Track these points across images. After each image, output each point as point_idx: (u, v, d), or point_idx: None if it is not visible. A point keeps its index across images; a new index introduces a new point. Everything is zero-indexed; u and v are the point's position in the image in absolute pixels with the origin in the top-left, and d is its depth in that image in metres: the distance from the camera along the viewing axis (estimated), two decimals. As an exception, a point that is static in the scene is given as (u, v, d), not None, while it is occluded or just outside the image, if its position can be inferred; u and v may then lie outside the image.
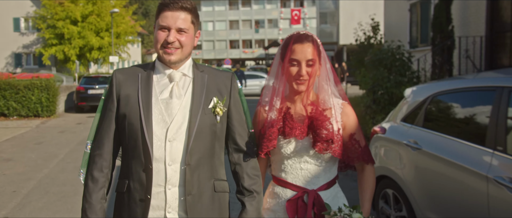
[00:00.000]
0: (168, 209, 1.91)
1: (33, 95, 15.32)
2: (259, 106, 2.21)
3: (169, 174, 1.89)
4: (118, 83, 1.98)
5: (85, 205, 1.91)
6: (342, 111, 2.14)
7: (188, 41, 1.94)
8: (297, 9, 63.57)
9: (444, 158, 3.43)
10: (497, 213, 2.91)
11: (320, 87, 2.14)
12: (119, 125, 1.95)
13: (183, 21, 1.91)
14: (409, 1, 13.02)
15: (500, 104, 3.08)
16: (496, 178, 2.90)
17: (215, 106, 1.97)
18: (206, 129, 1.94)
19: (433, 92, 3.88)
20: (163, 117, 1.92)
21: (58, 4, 31.89)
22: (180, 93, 1.95)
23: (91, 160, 1.97)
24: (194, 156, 1.91)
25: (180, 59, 1.94)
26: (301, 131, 2.05)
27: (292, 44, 2.06)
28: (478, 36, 9.88)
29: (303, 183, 2.11)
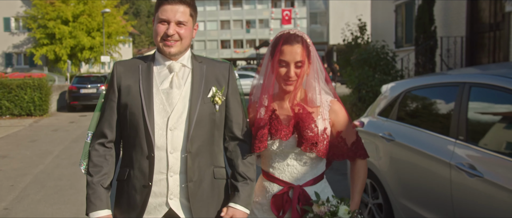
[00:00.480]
0: (169, 196, 1.97)
1: (25, 95, 15.49)
2: (249, 104, 2.26)
3: (171, 161, 1.96)
4: (118, 74, 2.03)
5: (89, 192, 1.97)
6: (330, 108, 2.16)
7: (187, 34, 2.00)
8: (288, 9, 63.92)
9: (414, 148, 3.76)
10: (458, 196, 3.24)
11: (309, 84, 2.17)
12: (121, 114, 2.01)
13: (182, 14, 1.97)
14: (394, 2, 13.41)
15: (462, 98, 3.41)
16: (457, 165, 3.22)
17: (214, 95, 2.03)
18: (206, 117, 2.00)
19: (405, 88, 4.21)
20: (164, 106, 1.98)
21: (49, 4, 31.91)
22: (180, 83, 2.01)
23: (93, 149, 2.02)
24: (195, 144, 1.97)
25: (179, 51, 2.01)
26: (286, 133, 2.09)
27: (281, 45, 2.08)
28: (459, 36, 10.28)
29: (289, 179, 2.16)
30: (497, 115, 3.25)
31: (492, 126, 3.26)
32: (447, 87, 3.71)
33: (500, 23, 9.25)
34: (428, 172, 3.58)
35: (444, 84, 3.78)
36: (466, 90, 3.40)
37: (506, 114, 3.17)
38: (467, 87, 3.40)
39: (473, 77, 3.49)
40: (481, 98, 3.34)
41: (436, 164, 3.48)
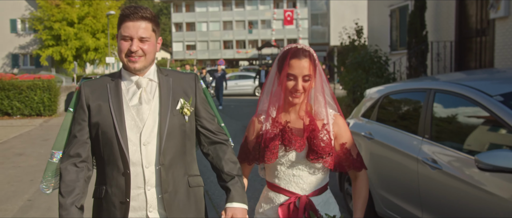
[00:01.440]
0: (149, 209, 2.01)
1: (35, 95, 16.11)
2: (255, 116, 2.29)
3: (147, 175, 1.99)
4: (86, 95, 2.05)
5: (63, 213, 1.95)
6: (334, 121, 2.22)
7: (150, 49, 2.03)
8: (290, 10, 64.50)
9: (389, 145, 4.33)
10: (424, 186, 3.81)
11: (315, 98, 2.22)
12: (92, 133, 2.03)
13: (144, 30, 2.00)
14: (389, 7, 13.96)
15: (428, 102, 3.98)
16: (423, 159, 3.79)
17: (182, 107, 2.07)
18: (176, 129, 2.05)
19: (384, 93, 4.79)
20: (136, 122, 2.01)
21: (54, 6, 32.54)
22: (148, 98, 2.05)
23: (64, 169, 2.00)
24: (167, 156, 2.01)
25: (144, 66, 2.04)
26: (300, 144, 2.12)
27: (289, 58, 2.12)
28: (449, 41, 10.82)
29: (295, 189, 2.20)
30: (454, 117, 3.82)
31: (450, 126, 3.84)
32: (417, 92, 4.29)
33: (486, 29, 9.79)
34: (400, 166, 4.16)
35: (415, 89, 4.36)
36: (431, 95, 3.98)
37: (460, 116, 3.74)
38: (433, 92, 3.98)
39: (437, 84, 4.07)
40: (443, 102, 3.91)
41: (406, 159, 4.05)
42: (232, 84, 24.37)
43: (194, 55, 66.17)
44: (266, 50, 50.77)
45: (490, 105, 3.31)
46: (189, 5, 67.18)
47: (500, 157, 2.87)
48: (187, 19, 67.02)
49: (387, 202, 4.39)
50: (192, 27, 67.44)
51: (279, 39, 63.30)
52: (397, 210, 4.24)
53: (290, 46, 2.17)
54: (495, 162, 2.86)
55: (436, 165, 3.60)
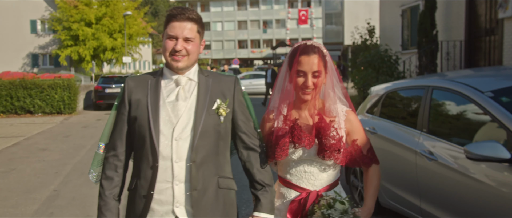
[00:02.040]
0: (175, 204, 2.04)
1: (56, 94, 16.67)
2: (267, 113, 2.32)
3: (176, 170, 2.03)
4: (129, 89, 2.13)
5: (101, 203, 2.06)
6: (346, 118, 2.23)
7: (194, 49, 2.09)
8: (304, 10, 64.65)
9: (391, 139, 4.62)
10: (421, 176, 4.08)
11: (326, 94, 2.22)
12: (130, 127, 2.11)
13: (190, 31, 2.06)
14: (401, 7, 14.15)
15: (426, 98, 4.26)
16: (421, 152, 4.07)
17: (218, 107, 2.10)
18: (210, 128, 2.07)
19: (387, 90, 5.07)
20: (170, 118, 2.06)
21: (73, 7, 33.25)
22: (185, 96, 2.10)
23: (106, 161, 2.12)
24: (199, 154, 2.04)
25: (186, 65, 2.09)
26: (309, 141, 2.14)
27: (298, 55, 2.14)
28: (458, 41, 11.00)
29: (306, 185, 2.22)
30: (449, 112, 4.10)
31: (445, 120, 4.11)
32: (417, 89, 4.56)
33: (495, 29, 9.96)
34: (401, 159, 4.44)
35: (414, 87, 4.63)
36: (429, 92, 4.26)
37: (455, 111, 4.02)
38: (430, 89, 4.26)
39: (435, 81, 4.34)
40: (440, 98, 4.18)
41: (406, 152, 4.33)
42: (246, 83, 24.85)
43: (209, 55, 66.72)
44: (281, 49, 51.01)
45: (481, 101, 3.58)
46: (204, 5, 67.75)
47: (487, 147, 3.15)
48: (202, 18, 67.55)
49: (390, 193, 4.67)
50: (207, 26, 67.98)
51: (294, 38, 63.48)
52: (399, 201, 4.51)
53: (300, 43, 2.20)
54: (482, 152, 3.14)
55: (432, 156, 3.88)
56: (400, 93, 4.88)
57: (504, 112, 3.36)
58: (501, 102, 3.47)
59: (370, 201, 2.26)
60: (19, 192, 6.35)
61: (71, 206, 5.71)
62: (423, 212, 4.06)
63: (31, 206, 5.69)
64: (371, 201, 2.26)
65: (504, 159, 3.07)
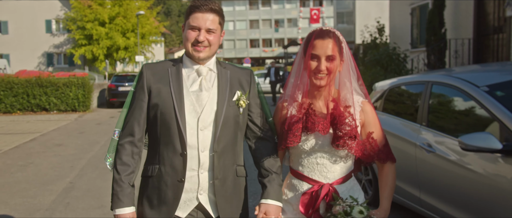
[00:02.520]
0: (200, 191, 2.09)
1: (71, 92, 17.05)
2: (281, 101, 2.29)
3: (202, 159, 2.07)
4: (148, 77, 2.12)
5: (117, 189, 2.05)
6: (362, 109, 2.17)
7: (215, 40, 2.12)
8: (316, 8, 64.58)
9: (393, 132, 4.77)
10: (421, 168, 4.24)
11: (342, 83, 2.17)
12: (150, 115, 2.11)
13: (212, 22, 2.08)
14: (410, 5, 14.23)
15: (426, 93, 4.42)
16: (420, 144, 4.23)
17: (238, 99, 2.15)
18: (231, 119, 2.12)
19: (390, 86, 5.23)
20: (195, 107, 2.09)
21: (87, 7, 33.77)
22: (208, 86, 2.13)
23: (121, 147, 2.10)
24: (221, 144, 2.09)
25: (208, 56, 2.12)
26: (324, 126, 2.10)
27: (313, 39, 2.11)
28: (467, 39, 11.07)
29: (319, 177, 2.18)
30: (447, 105, 4.25)
31: (443, 113, 4.26)
32: (417, 85, 4.72)
33: (503, 27, 10.02)
34: (402, 152, 4.59)
35: (415, 82, 4.79)
36: (429, 87, 4.41)
37: (453, 104, 4.17)
38: (430, 84, 4.41)
39: (434, 77, 4.49)
40: (439, 92, 4.34)
41: (407, 145, 4.49)
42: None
43: (221, 54, 67.06)
44: (292, 48, 51.10)
45: (477, 95, 3.73)
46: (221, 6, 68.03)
47: (479, 138, 3.30)
48: (214, 18, 67.93)
49: (391, 185, 4.83)
50: (219, 26, 68.26)
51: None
52: (401, 193, 4.67)
53: (315, 29, 2.16)
54: (475, 143, 3.30)
55: (431, 149, 4.04)
56: (402, 89, 5.04)
57: (497, 105, 3.51)
58: (495, 96, 3.62)
59: (386, 202, 2.20)
60: (37, 184, 6.64)
61: (86, 197, 5.97)
62: (423, 203, 4.22)
63: (48, 197, 5.95)
64: (387, 203, 2.20)
65: (496, 149, 3.23)
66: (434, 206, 4.04)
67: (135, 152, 2.10)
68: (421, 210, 4.29)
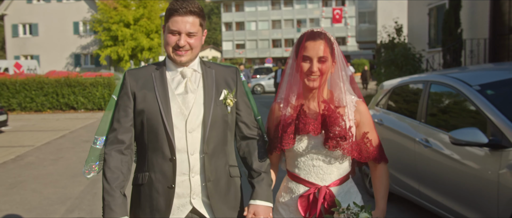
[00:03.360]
0: (192, 196, 2.05)
1: (97, 91, 17.75)
2: (275, 103, 2.27)
3: (192, 163, 2.03)
4: (131, 83, 2.07)
5: (108, 199, 1.97)
6: (356, 109, 2.16)
7: (197, 43, 2.06)
8: (338, 8, 64.28)
9: (395, 129, 5.08)
10: (419, 162, 4.54)
11: (334, 84, 2.17)
12: (136, 121, 2.06)
13: (192, 25, 2.02)
14: (428, 6, 14.35)
15: (425, 91, 4.71)
16: (419, 140, 4.53)
17: (225, 98, 2.11)
18: (219, 119, 2.08)
19: (394, 85, 5.53)
20: (182, 110, 2.04)
21: (112, 9, 34.71)
22: (193, 88, 2.08)
23: (109, 155, 2.02)
24: (211, 145, 2.05)
25: (190, 59, 2.08)
26: (314, 127, 2.09)
27: (305, 41, 2.10)
28: (482, 39, 11.18)
29: (315, 179, 2.16)
30: (444, 103, 4.54)
31: (440, 110, 4.56)
32: (418, 84, 5.01)
33: (518, 27, 10.13)
34: (402, 147, 4.90)
35: (416, 81, 5.09)
36: (428, 86, 4.71)
37: (448, 102, 4.46)
38: (429, 84, 4.71)
39: (433, 77, 4.78)
40: (437, 91, 4.63)
41: (407, 140, 4.79)
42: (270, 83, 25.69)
43: (244, 54, 67.57)
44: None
45: (468, 93, 4.02)
46: (239, 4, 68.63)
47: (467, 133, 3.60)
48: (236, 18, 68.56)
49: (395, 179, 5.13)
50: (242, 26, 68.86)
51: (328, 37, 63.46)
52: (402, 185, 4.98)
53: (306, 31, 2.16)
54: (463, 137, 3.59)
55: (428, 144, 4.34)
56: (404, 88, 5.34)
57: (486, 103, 3.79)
58: (486, 95, 3.90)
59: (382, 202, 2.20)
60: (67, 176, 7.17)
61: (112, 188, 6.44)
62: (422, 195, 4.52)
63: (77, 187, 6.46)
64: (383, 203, 2.20)
65: (483, 143, 3.52)
66: (431, 197, 4.34)
67: (124, 160, 2.03)
68: (420, 202, 4.59)
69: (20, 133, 12.26)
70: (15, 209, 5.52)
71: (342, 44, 63.85)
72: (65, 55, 39.05)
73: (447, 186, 4.10)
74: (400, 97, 5.41)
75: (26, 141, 10.83)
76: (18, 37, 38.79)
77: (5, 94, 17.25)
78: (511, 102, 3.81)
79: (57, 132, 12.30)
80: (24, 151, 9.43)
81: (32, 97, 17.40)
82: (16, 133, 12.27)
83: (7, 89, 17.29)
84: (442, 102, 4.57)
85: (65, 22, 38.35)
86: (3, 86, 17.26)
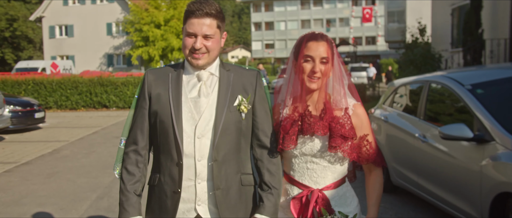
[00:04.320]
0: (197, 202, 2.01)
1: (128, 90, 18.54)
2: (274, 106, 2.25)
3: (198, 169, 1.99)
4: (149, 83, 2.07)
5: (122, 199, 2.01)
6: (354, 112, 2.14)
7: (214, 46, 2.01)
8: (368, 7, 63.81)
9: (397, 125, 5.42)
10: (417, 156, 4.86)
11: (333, 88, 2.15)
12: (151, 122, 2.05)
13: (209, 28, 1.98)
14: (451, 6, 14.42)
15: (425, 91, 5.03)
16: (418, 136, 4.86)
17: (240, 104, 2.04)
18: (232, 126, 2.02)
19: (399, 84, 5.86)
20: (192, 114, 2.01)
21: (144, 10, 35.73)
22: (207, 92, 2.04)
23: (126, 155, 2.06)
24: (221, 152, 2.00)
25: (207, 62, 2.03)
26: (319, 127, 2.07)
27: (306, 41, 2.09)
28: (503, 39, 11.24)
29: (309, 182, 2.15)
30: (440, 101, 4.86)
31: (436, 108, 4.88)
32: (419, 83, 5.33)
33: (537, 27, 10.18)
34: (404, 142, 5.24)
35: (418, 81, 5.41)
36: (427, 85, 5.03)
37: (444, 100, 4.78)
38: (428, 83, 5.03)
39: (432, 77, 5.11)
40: (435, 90, 4.95)
41: (408, 136, 5.13)
42: None
43: (273, 54, 67.99)
44: (342, 48, 51.06)
45: (460, 92, 4.34)
46: (268, 5, 69.08)
47: (455, 128, 3.93)
48: (266, 18, 69.06)
49: (398, 173, 5.47)
50: (271, 26, 69.30)
51: (357, 36, 63.15)
52: (403, 178, 5.31)
53: (306, 33, 2.16)
54: (451, 132, 3.93)
55: (425, 139, 4.68)
56: (408, 87, 5.67)
57: (474, 100, 4.11)
58: (475, 93, 4.22)
59: (373, 209, 2.18)
60: (98, 168, 7.79)
61: (138, 179, 7.02)
62: (420, 187, 4.86)
63: (107, 178, 7.05)
64: (374, 210, 2.18)
65: (468, 138, 3.85)
66: (428, 189, 4.67)
67: (139, 161, 2.05)
68: (420, 194, 4.92)
69: (56, 129, 13.09)
70: (52, 195, 6.14)
71: (372, 44, 63.37)
72: (98, 55, 40.38)
73: (440, 177, 4.43)
74: (404, 96, 5.74)
75: (61, 136, 11.60)
76: (54, 38, 40.40)
77: (43, 93, 18.26)
78: (497, 100, 4.12)
79: (90, 128, 13.06)
80: (60, 146, 10.16)
81: (67, 95, 18.33)
82: (52, 129, 13.11)
83: (44, 88, 18.29)
84: (439, 100, 4.89)
85: (99, 23, 39.65)
86: (41, 85, 18.28)
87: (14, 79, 18.26)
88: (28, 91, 18.00)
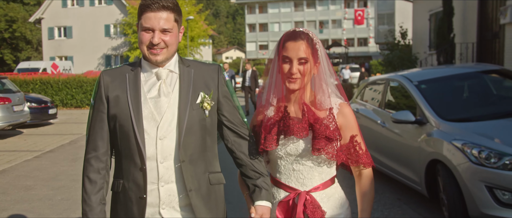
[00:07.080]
0: (161, 206, 1.96)
1: (130, 89, 19.72)
2: (258, 106, 2.22)
3: (161, 171, 1.93)
4: (106, 85, 1.99)
5: (86, 209, 1.94)
6: (339, 111, 2.08)
7: (173, 40, 1.94)
8: (360, 9, 65.32)
9: (366, 115, 6.69)
10: (380, 138, 6.12)
11: (318, 86, 2.09)
12: (110, 125, 1.98)
13: (166, 21, 1.90)
14: (429, 12, 15.77)
15: (386, 86, 6.30)
16: (379, 122, 6.12)
17: (202, 101, 1.98)
18: (196, 124, 1.96)
19: (367, 82, 7.14)
20: (153, 115, 1.94)
21: (141, 13, 36.75)
22: (168, 91, 1.97)
23: (87, 163, 1.98)
24: (187, 152, 1.94)
25: (166, 58, 1.96)
26: (299, 129, 2.02)
27: (283, 41, 2.04)
28: (471, 43, 12.56)
29: (295, 184, 2.10)
30: (396, 94, 6.14)
31: (393, 100, 6.16)
32: (382, 81, 6.61)
33: (498, 33, 11.50)
34: (370, 129, 6.50)
35: (382, 79, 6.69)
36: (387, 82, 6.30)
37: (398, 94, 6.06)
38: (388, 80, 6.30)
39: (391, 76, 6.38)
40: (393, 86, 6.22)
41: (373, 123, 6.39)
42: None
43: (267, 55, 69.16)
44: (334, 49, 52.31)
45: (409, 87, 5.61)
46: (262, 6, 70.31)
47: (402, 114, 5.20)
48: (260, 20, 70.28)
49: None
50: (265, 27, 70.52)
51: (350, 38, 64.59)
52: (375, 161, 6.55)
53: (288, 30, 2.10)
54: (399, 117, 5.20)
55: (384, 124, 5.94)
56: (374, 84, 6.95)
57: (417, 93, 5.38)
58: (419, 88, 5.49)
59: (364, 215, 2.13)
60: (114, 155, 8.99)
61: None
62: (382, 163, 6.12)
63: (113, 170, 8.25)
64: (366, 215, 2.13)
65: (411, 121, 5.12)
66: (386, 164, 5.93)
67: (101, 167, 1.98)
68: (384, 171, 6.18)
69: (67, 124, 14.26)
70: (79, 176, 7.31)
71: (364, 45, 64.76)
72: (97, 56, 41.29)
73: (394, 153, 5.70)
74: (370, 91, 7.03)
75: (74, 130, 12.77)
76: (53, 39, 41.33)
77: (49, 92, 19.40)
78: (434, 93, 5.40)
79: (99, 123, 14.21)
80: (75, 138, 11.35)
81: (73, 94, 19.49)
82: (64, 124, 14.28)
83: (51, 87, 19.44)
84: (395, 93, 6.17)
85: (97, 25, 40.53)
86: (47, 84, 19.42)
87: (22, 78, 19.37)
88: (35, 90, 19.12)
